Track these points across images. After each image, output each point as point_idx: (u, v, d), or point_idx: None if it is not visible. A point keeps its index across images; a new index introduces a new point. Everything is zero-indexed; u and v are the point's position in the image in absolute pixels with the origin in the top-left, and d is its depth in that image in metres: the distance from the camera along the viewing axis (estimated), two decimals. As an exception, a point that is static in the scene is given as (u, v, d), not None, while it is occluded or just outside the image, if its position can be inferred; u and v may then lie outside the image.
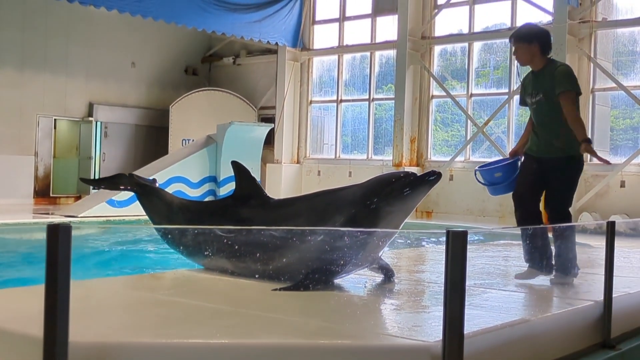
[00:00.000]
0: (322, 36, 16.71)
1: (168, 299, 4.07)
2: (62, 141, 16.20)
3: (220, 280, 4.65)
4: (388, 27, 15.40)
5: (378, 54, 15.83)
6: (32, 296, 3.50)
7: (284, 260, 4.44)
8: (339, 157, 16.30)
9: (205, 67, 18.47)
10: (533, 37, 5.29)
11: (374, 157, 15.70)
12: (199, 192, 13.45)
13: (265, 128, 14.75)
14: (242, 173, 5.04)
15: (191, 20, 14.56)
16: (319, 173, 16.17)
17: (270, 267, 4.49)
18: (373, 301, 4.40)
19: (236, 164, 5.06)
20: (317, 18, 16.77)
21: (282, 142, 16.50)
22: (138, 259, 7.48)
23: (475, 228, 10.98)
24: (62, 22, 15.54)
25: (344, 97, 16.38)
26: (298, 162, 16.76)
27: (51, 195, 15.63)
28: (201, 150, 13.85)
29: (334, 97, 16.50)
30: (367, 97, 15.95)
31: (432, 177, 4.41)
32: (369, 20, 15.88)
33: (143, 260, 7.35)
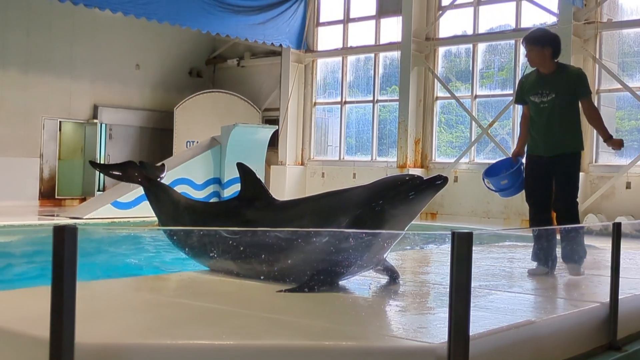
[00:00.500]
0: (326, 38, 16.72)
1: (173, 301, 4.08)
2: (67, 143, 16.24)
3: (225, 282, 4.65)
4: (392, 29, 15.41)
5: (382, 55, 15.84)
6: (38, 297, 3.51)
7: (289, 261, 4.44)
8: (343, 158, 16.31)
9: (210, 69, 18.50)
10: (546, 42, 5.61)
11: (378, 159, 15.70)
12: (203, 194, 13.47)
13: (269, 130, 14.76)
14: (248, 174, 5.04)
15: (195, 23, 14.58)
16: (323, 175, 16.17)
17: (276, 268, 4.49)
18: (378, 303, 4.40)
19: (241, 165, 5.06)
20: (321, 20, 16.79)
21: (286, 144, 16.51)
22: (143, 260, 7.49)
23: (480, 229, 10.96)
24: (67, 25, 15.58)
25: (348, 99, 16.39)
26: (302, 164, 16.77)
27: (56, 197, 15.67)
28: (205, 152, 13.87)
29: (338, 99, 16.50)
30: (372, 98, 15.95)
31: (438, 181, 4.38)
32: (373, 21, 15.88)
33: (148, 261, 7.36)
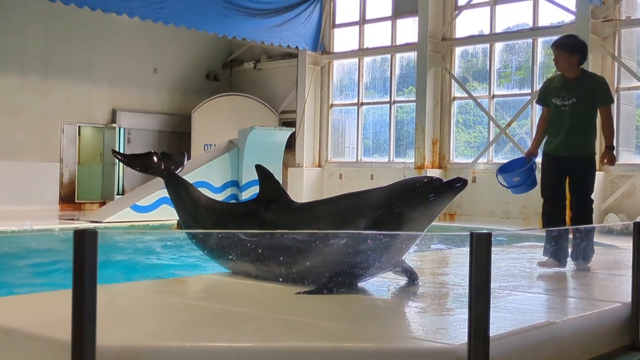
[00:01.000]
0: (342, 39, 16.72)
1: (193, 303, 4.10)
2: (87, 147, 16.37)
3: (244, 284, 4.67)
4: (408, 29, 15.38)
5: (398, 56, 15.81)
6: (59, 301, 3.54)
7: (308, 263, 4.44)
8: (361, 160, 16.29)
9: (227, 72, 18.57)
10: (575, 49, 5.93)
11: (396, 160, 15.67)
12: (221, 197, 13.50)
13: (286, 132, 14.78)
14: (266, 177, 5.05)
15: (212, 26, 14.65)
16: (341, 176, 16.17)
17: (294, 270, 4.49)
18: (397, 304, 4.39)
19: (260, 167, 5.07)
20: (337, 21, 16.79)
21: (303, 146, 16.53)
22: (162, 263, 7.53)
23: (499, 230, 10.91)
24: (85, 30, 15.71)
25: (364, 100, 16.38)
26: (319, 166, 16.77)
27: (76, 201, 15.80)
28: (223, 155, 13.91)
29: (355, 100, 16.50)
30: (388, 99, 15.93)
31: (457, 184, 4.37)
32: (389, 22, 15.86)
33: (168, 264, 7.40)
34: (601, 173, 12.24)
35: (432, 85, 14.55)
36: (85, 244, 2.58)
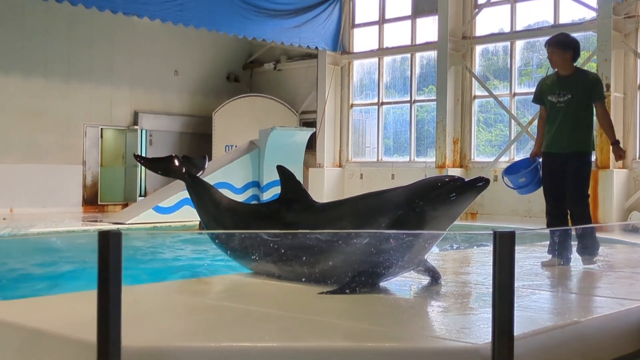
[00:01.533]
0: (362, 39, 16.70)
1: (216, 303, 4.12)
2: (109, 150, 16.51)
3: (267, 284, 4.68)
4: (428, 28, 15.32)
5: (418, 55, 15.76)
6: (85, 302, 3.58)
7: (330, 263, 4.45)
8: (381, 160, 16.26)
9: (247, 73, 18.63)
10: (568, 46, 6.07)
11: (417, 159, 15.61)
12: (242, 198, 13.55)
13: (307, 132, 14.79)
14: (288, 177, 5.06)
15: (232, 28, 14.70)
16: (362, 176, 16.15)
17: (317, 270, 4.50)
18: (420, 303, 4.38)
19: (281, 168, 5.08)
20: (357, 21, 16.77)
21: (323, 146, 16.53)
22: (186, 264, 7.57)
23: (522, 229, 10.83)
24: (107, 33, 15.85)
25: (385, 100, 16.35)
26: (340, 166, 16.77)
27: (99, 203, 15.95)
28: (244, 156, 13.95)
29: (375, 100, 16.47)
30: (409, 99, 15.88)
31: (480, 183, 4.35)
32: (409, 21, 15.81)
33: (190, 265, 7.44)
34: (624, 171, 12.12)
35: (453, 84, 14.49)
36: (109, 245, 2.60)
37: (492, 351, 2.73)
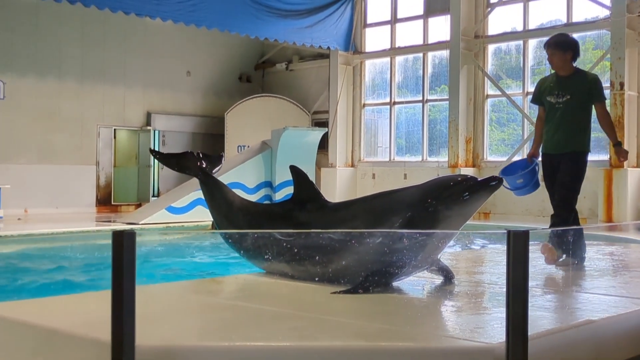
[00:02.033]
0: (374, 39, 16.69)
1: (230, 303, 4.13)
2: (122, 150, 16.58)
3: (280, 284, 4.69)
4: (440, 28, 15.29)
5: (431, 54, 15.72)
6: (99, 301, 3.60)
7: (343, 263, 4.45)
8: (394, 159, 16.24)
9: (259, 73, 18.66)
10: (568, 47, 6.05)
11: (429, 159, 15.58)
12: (255, 198, 13.57)
13: (319, 132, 14.80)
14: (300, 177, 5.06)
15: (244, 28, 14.73)
16: (374, 176, 16.14)
17: (330, 270, 4.50)
18: (433, 303, 4.37)
19: (294, 168, 5.08)
20: (369, 21, 16.76)
21: (336, 146, 16.53)
22: (199, 263, 7.59)
23: (536, 228, 10.78)
24: (120, 34, 15.92)
25: (397, 99, 16.32)
26: (352, 166, 16.76)
27: (112, 203, 16.02)
28: (256, 156, 13.98)
29: (387, 100, 16.45)
30: (421, 98, 15.85)
31: (493, 182, 4.34)
32: (421, 21, 15.78)
33: (203, 265, 7.46)
34: (638, 170, 12.04)
35: (465, 84, 14.45)
36: (123, 245, 2.62)
37: (507, 351, 2.72)
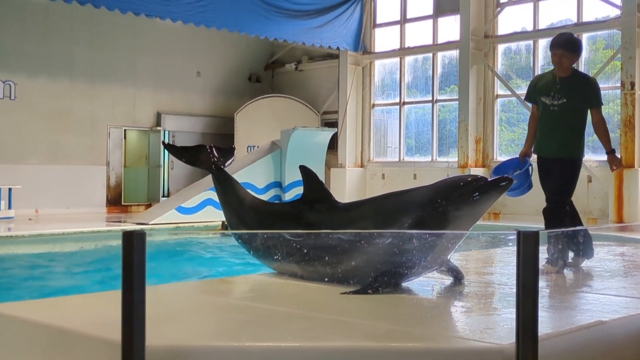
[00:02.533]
0: (384, 39, 16.67)
1: (239, 303, 4.14)
2: (132, 151, 16.64)
3: (290, 284, 4.69)
4: (450, 28, 15.26)
5: (440, 54, 15.69)
6: (110, 301, 3.61)
7: (353, 263, 4.44)
8: (403, 159, 16.22)
9: (268, 74, 18.68)
10: (577, 49, 5.83)
11: (439, 159, 15.55)
12: (264, 198, 13.55)
13: (328, 133, 14.80)
14: (310, 177, 5.06)
15: (253, 29, 14.76)
16: (383, 176, 16.12)
17: (339, 270, 4.50)
18: (443, 304, 4.36)
19: (304, 168, 5.08)
20: (378, 21, 16.75)
21: (345, 146, 16.53)
22: (208, 264, 7.61)
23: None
24: (130, 35, 15.98)
25: (406, 100, 16.30)
26: (362, 166, 16.75)
27: (123, 203, 16.08)
28: (266, 156, 14.00)
29: (397, 100, 16.43)
30: (431, 98, 15.83)
31: (503, 182, 4.32)
32: (431, 21, 15.76)
33: (213, 264, 7.47)
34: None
35: (475, 84, 14.41)
36: (134, 245, 2.62)
37: (517, 352, 2.71)
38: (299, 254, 4.70)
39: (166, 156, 16.64)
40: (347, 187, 16.01)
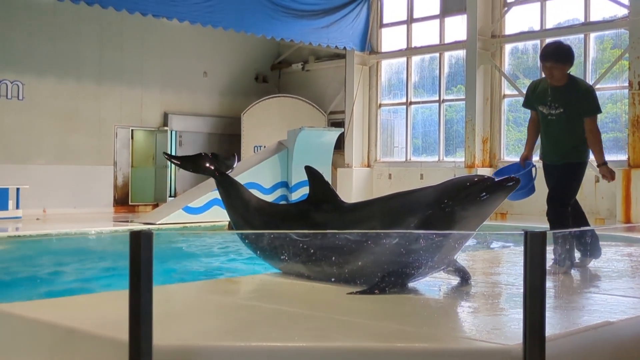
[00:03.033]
0: (390, 39, 16.66)
1: (246, 303, 4.14)
2: (139, 151, 16.68)
3: (296, 284, 4.69)
4: (457, 27, 15.23)
5: (447, 54, 15.67)
6: (117, 301, 3.62)
7: (359, 263, 4.44)
8: (410, 159, 16.20)
9: (275, 74, 18.69)
10: (568, 59, 5.76)
11: (446, 159, 15.53)
12: (271, 198, 13.60)
13: (335, 132, 14.80)
14: (316, 178, 5.07)
15: (260, 29, 14.77)
16: (390, 176, 16.11)
17: (346, 270, 4.50)
18: (450, 304, 4.36)
19: (310, 168, 5.08)
20: (385, 21, 16.74)
21: (352, 146, 16.52)
22: (215, 263, 7.62)
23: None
24: (137, 36, 16.02)
25: (413, 99, 16.28)
26: (369, 166, 16.74)
27: (130, 203, 16.12)
28: (273, 157, 14.01)
29: (404, 100, 16.41)
30: (437, 98, 15.81)
31: (510, 183, 4.31)
32: (437, 21, 15.73)
33: (220, 265, 7.48)
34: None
35: (482, 83, 14.39)
36: (141, 245, 2.63)
37: (524, 352, 2.70)
38: (305, 254, 4.70)
39: (173, 156, 16.65)
40: (353, 187, 16.00)
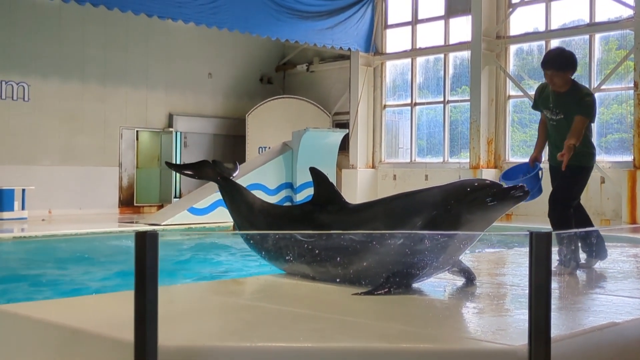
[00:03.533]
0: (395, 40, 16.66)
1: (251, 304, 4.14)
2: (144, 152, 16.71)
3: (301, 285, 4.69)
4: (462, 28, 15.22)
5: (452, 55, 15.66)
6: (122, 302, 3.63)
7: (364, 264, 4.44)
8: (415, 160, 16.19)
9: (280, 75, 18.71)
10: (568, 66, 5.76)
11: (450, 160, 15.52)
12: (276, 199, 13.61)
13: (340, 133, 14.80)
14: (320, 179, 5.06)
15: (265, 30, 14.79)
16: (395, 177, 16.10)
17: (351, 271, 4.50)
18: (455, 305, 4.35)
19: (314, 170, 5.08)
20: (389, 22, 16.74)
21: (357, 147, 16.52)
22: (220, 264, 7.63)
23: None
24: (142, 36, 16.05)
25: (418, 100, 16.28)
26: (373, 167, 16.74)
27: (135, 204, 16.15)
28: (277, 158, 14.02)
29: (408, 101, 16.41)
30: (442, 99, 15.80)
31: (519, 193, 4.28)
32: (442, 21, 15.73)
33: (225, 265, 7.49)
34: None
35: (487, 84, 14.37)
36: (146, 246, 2.64)
37: (529, 353, 2.70)
38: (309, 255, 4.70)
39: (178, 158, 16.71)
40: (358, 188, 16.00)
